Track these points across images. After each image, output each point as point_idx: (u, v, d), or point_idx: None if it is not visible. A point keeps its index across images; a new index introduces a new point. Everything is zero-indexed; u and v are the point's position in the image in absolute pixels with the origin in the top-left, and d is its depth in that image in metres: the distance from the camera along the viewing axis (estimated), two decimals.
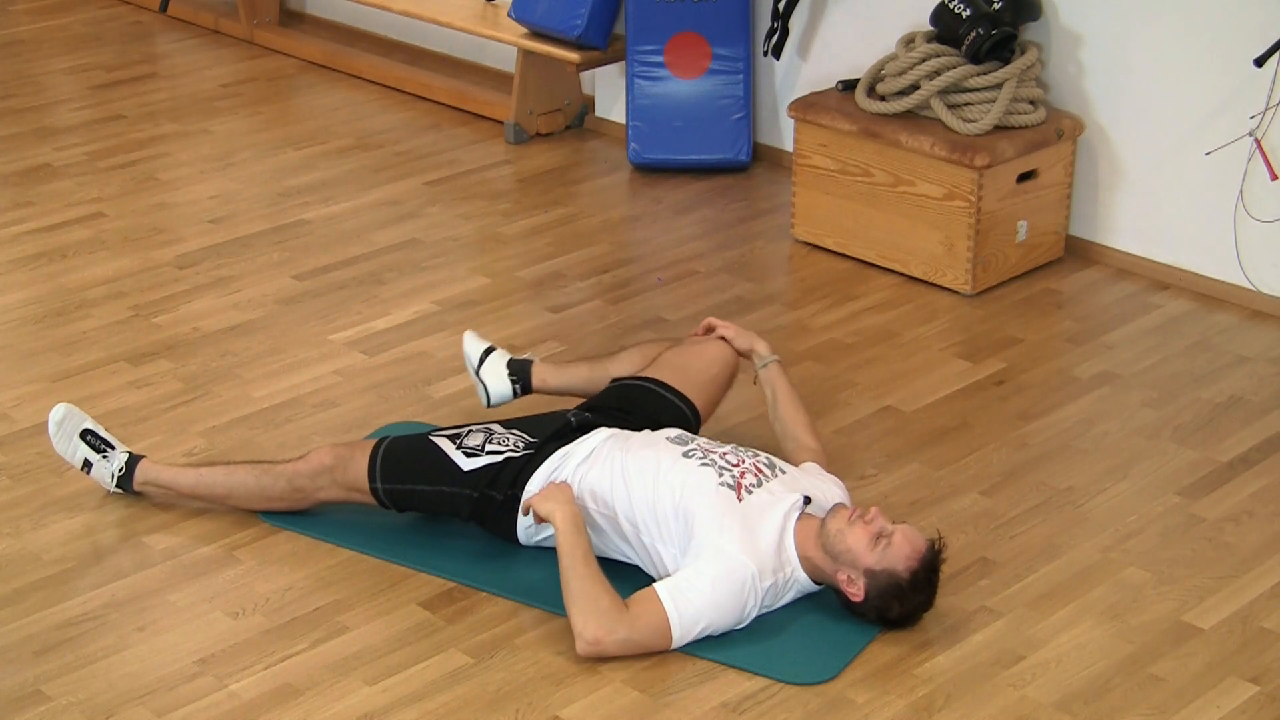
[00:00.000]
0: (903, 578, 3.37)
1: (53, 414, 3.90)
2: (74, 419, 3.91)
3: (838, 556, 3.41)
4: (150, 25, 7.41)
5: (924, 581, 3.40)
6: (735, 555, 3.39)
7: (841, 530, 3.42)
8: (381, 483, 3.69)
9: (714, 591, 3.37)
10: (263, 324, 4.78)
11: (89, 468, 3.89)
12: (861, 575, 3.39)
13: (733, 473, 3.53)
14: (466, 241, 5.37)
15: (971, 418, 4.34)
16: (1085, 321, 4.86)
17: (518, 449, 3.67)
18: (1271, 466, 4.11)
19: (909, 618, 3.45)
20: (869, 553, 3.38)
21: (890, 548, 3.38)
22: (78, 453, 3.89)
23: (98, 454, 3.89)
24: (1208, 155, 4.83)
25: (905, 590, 3.38)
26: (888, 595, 3.39)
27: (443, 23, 6.34)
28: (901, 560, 3.37)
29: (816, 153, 5.21)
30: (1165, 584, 3.65)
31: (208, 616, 3.52)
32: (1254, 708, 3.28)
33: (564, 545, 3.43)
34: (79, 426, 3.90)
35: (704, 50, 5.81)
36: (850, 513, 3.45)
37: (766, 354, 4.01)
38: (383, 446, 3.73)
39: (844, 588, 3.42)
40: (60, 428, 3.88)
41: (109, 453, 3.89)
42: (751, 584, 3.39)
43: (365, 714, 3.24)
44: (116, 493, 3.90)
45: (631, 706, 3.27)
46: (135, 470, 3.87)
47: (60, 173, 5.85)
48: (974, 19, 4.92)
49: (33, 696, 3.28)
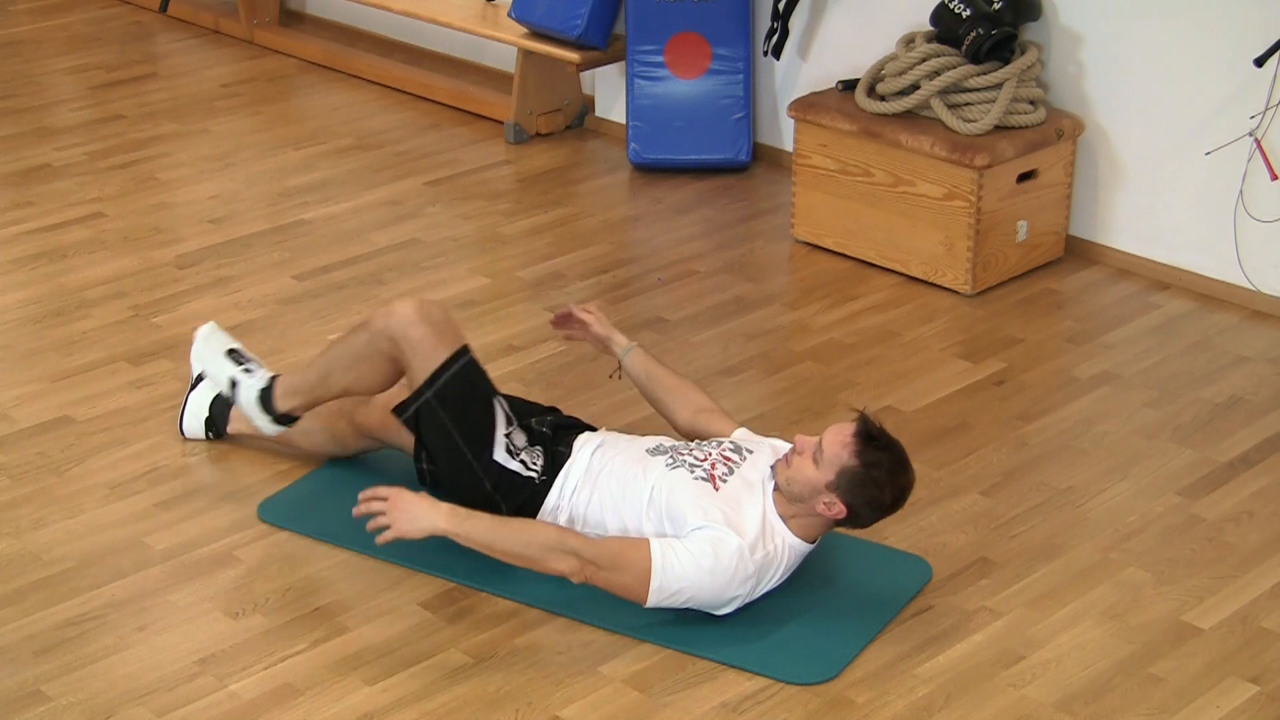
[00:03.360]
0: (855, 464, 3.37)
1: (199, 331, 3.90)
2: (219, 338, 3.89)
3: (803, 496, 3.42)
4: (150, 25, 7.41)
5: (875, 450, 3.38)
6: (723, 529, 3.40)
7: (789, 476, 3.44)
8: (434, 395, 3.62)
9: (700, 558, 3.38)
10: (263, 324, 4.78)
11: (235, 388, 3.83)
12: (830, 493, 3.39)
13: (703, 467, 3.54)
14: (466, 241, 5.37)
15: (971, 418, 4.34)
16: (1085, 321, 4.86)
17: (536, 476, 3.66)
18: (1271, 466, 4.11)
19: (898, 489, 3.42)
20: (818, 473, 3.39)
21: (825, 452, 3.39)
22: (223, 371, 3.84)
23: (242, 370, 3.84)
24: (1208, 155, 4.84)
25: (866, 469, 3.37)
26: (860, 486, 3.38)
27: (443, 23, 6.34)
28: (842, 452, 3.38)
29: (816, 153, 5.21)
30: (1165, 584, 3.65)
31: (208, 616, 3.52)
32: (1254, 708, 3.28)
33: (474, 535, 3.43)
34: (224, 345, 3.87)
35: (704, 50, 5.81)
36: (784, 458, 3.48)
37: (626, 342, 3.95)
38: (459, 365, 3.63)
39: (829, 515, 3.42)
40: (208, 341, 3.87)
41: (254, 370, 3.85)
42: (738, 556, 3.39)
43: (365, 714, 3.24)
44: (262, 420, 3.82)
45: (631, 706, 3.27)
46: (274, 386, 3.82)
47: (60, 173, 5.85)
48: (974, 19, 4.92)
49: (33, 696, 3.28)
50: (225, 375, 3.87)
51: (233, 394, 3.87)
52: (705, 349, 4.66)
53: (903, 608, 3.56)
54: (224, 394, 3.91)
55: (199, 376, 4.13)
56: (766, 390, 4.46)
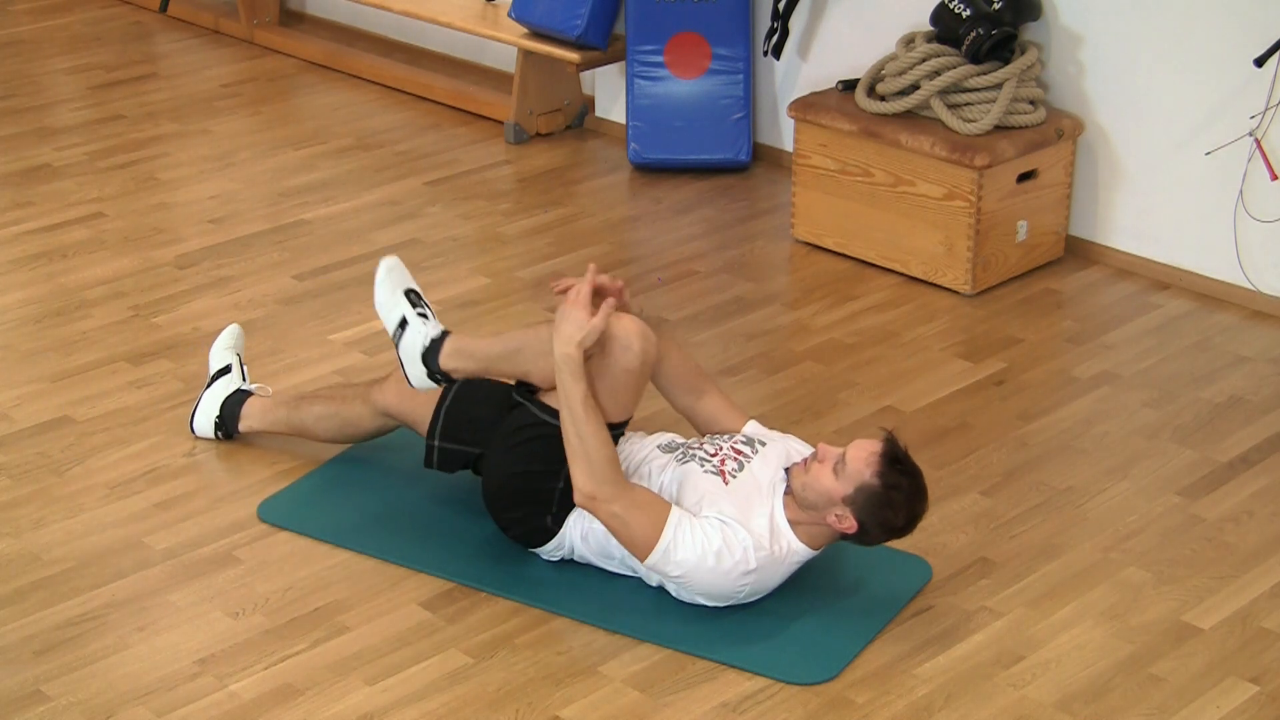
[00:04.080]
0: (875, 483, 3.36)
1: (384, 261, 3.78)
2: (401, 273, 3.77)
3: (816, 505, 3.42)
4: (150, 25, 7.41)
5: (898, 473, 3.37)
6: (734, 525, 3.41)
7: (805, 482, 3.43)
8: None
9: (710, 539, 3.38)
10: (263, 324, 4.78)
11: (404, 328, 3.68)
12: (844, 506, 3.39)
13: (713, 462, 3.54)
14: (466, 241, 5.37)
15: (971, 418, 4.34)
16: (1085, 321, 4.86)
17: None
18: (1271, 466, 4.11)
19: (911, 515, 3.41)
20: (836, 484, 3.38)
21: (847, 466, 3.38)
22: (397, 308, 3.71)
23: (417, 312, 3.70)
24: (1208, 155, 4.84)
25: (885, 490, 3.36)
26: (876, 507, 3.37)
27: (443, 23, 6.34)
28: (864, 469, 3.36)
29: (816, 153, 5.21)
30: (1165, 584, 3.65)
31: (208, 616, 3.52)
32: (1254, 708, 3.28)
33: (567, 391, 3.41)
34: (405, 283, 3.76)
35: (704, 50, 5.81)
36: (803, 463, 3.47)
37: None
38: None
39: (839, 528, 3.42)
40: (390, 274, 3.75)
41: (429, 319, 3.70)
42: (744, 549, 3.39)
43: (365, 714, 3.24)
44: (416, 370, 3.67)
45: (631, 706, 3.27)
46: (444, 343, 3.66)
47: (60, 173, 5.85)
48: (974, 19, 4.92)
49: (33, 696, 3.28)
50: (397, 313, 3.71)
51: (398, 334, 3.70)
52: (705, 349, 4.66)
53: (903, 608, 3.56)
54: (389, 332, 3.74)
55: (215, 374, 4.14)
56: (766, 390, 4.46)
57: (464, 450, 3.72)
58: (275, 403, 4.07)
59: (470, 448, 3.71)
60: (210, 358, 4.21)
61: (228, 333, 4.27)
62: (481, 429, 3.68)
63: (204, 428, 4.13)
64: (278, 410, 4.05)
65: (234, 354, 4.21)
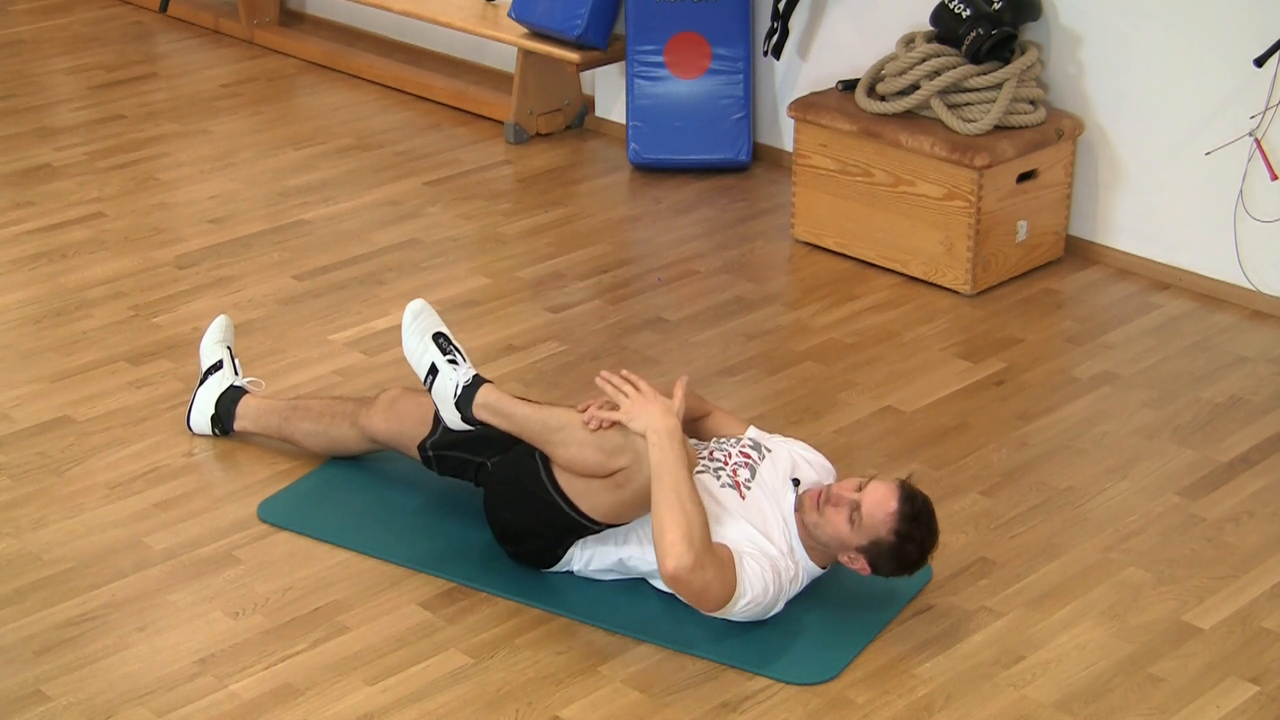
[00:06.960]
0: (892, 540, 3.37)
1: (410, 307, 3.71)
2: (428, 317, 3.70)
3: (828, 545, 3.45)
4: (150, 25, 7.41)
5: (915, 529, 3.38)
6: (763, 544, 3.41)
7: (817, 522, 3.44)
8: None
9: (765, 576, 3.37)
10: (263, 324, 4.78)
11: (434, 375, 3.63)
12: (858, 553, 3.41)
13: (725, 471, 3.54)
14: (466, 241, 5.37)
15: (971, 418, 4.34)
16: (1085, 321, 4.86)
17: None
18: (1271, 466, 4.11)
19: (924, 553, 3.42)
20: (850, 533, 3.39)
21: (864, 520, 3.38)
22: (426, 354, 3.64)
23: (446, 359, 3.64)
24: (1208, 155, 4.84)
25: (901, 543, 3.38)
26: (891, 557, 3.40)
27: (443, 23, 6.34)
28: (881, 526, 3.37)
29: (816, 153, 5.21)
30: (1165, 584, 3.65)
31: (208, 616, 3.52)
32: (1254, 708, 3.28)
33: (671, 465, 3.31)
34: (433, 327, 3.68)
35: (704, 50, 5.81)
36: (816, 497, 3.46)
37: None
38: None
39: (849, 565, 3.45)
40: (416, 319, 3.69)
41: (459, 364, 3.64)
42: (775, 565, 3.40)
43: (365, 714, 3.24)
44: (451, 414, 3.62)
45: (631, 706, 3.27)
46: (478, 393, 3.59)
47: (60, 173, 5.85)
48: (974, 19, 4.92)
49: (33, 696, 3.28)
50: (426, 360, 3.65)
51: (429, 380, 3.66)
52: (705, 349, 4.66)
53: (903, 608, 3.56)
54: (420, 378, 3.69)
55: (206, 371, 4.14)
56: (766, 390, 4.46)
57: (463, 458, 3.73)
58: (269, 409, 4.07)
59: (470, 455, 3.72)
60: (201, 352, 4.21)
61: (216, 325, 4.26)
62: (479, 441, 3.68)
63: (200, 425, 4.13)
64: (270, 417, 4.06)
65: (224, 348, 4.20)
